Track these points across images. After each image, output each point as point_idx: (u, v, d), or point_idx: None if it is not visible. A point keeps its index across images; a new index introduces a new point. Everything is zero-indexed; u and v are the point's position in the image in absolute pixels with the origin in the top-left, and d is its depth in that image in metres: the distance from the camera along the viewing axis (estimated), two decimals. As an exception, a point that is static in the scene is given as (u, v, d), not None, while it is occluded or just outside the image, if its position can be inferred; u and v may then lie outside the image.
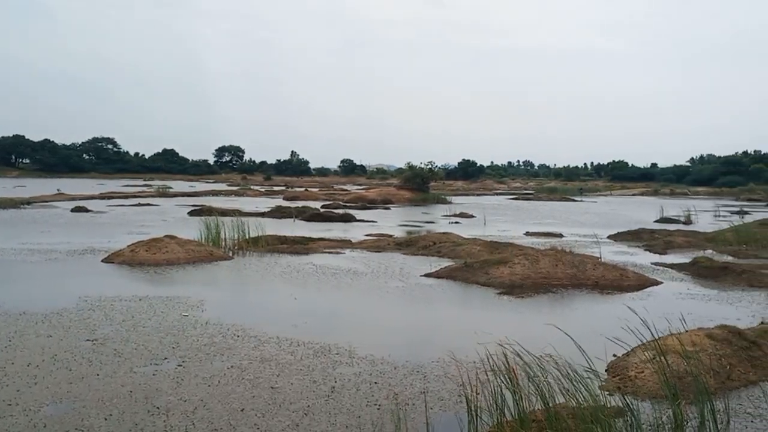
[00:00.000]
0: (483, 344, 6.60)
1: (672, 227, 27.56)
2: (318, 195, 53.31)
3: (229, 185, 79.05)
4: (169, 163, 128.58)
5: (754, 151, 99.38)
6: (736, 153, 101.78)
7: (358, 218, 30.64)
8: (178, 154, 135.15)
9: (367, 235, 22.75)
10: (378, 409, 6.24)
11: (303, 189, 66.86)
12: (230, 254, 17.60)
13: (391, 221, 30.98)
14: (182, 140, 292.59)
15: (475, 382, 5.64)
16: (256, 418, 5.98)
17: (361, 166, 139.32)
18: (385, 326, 10.12)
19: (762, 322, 9.47)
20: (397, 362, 7.77)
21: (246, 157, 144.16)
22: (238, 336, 8.94)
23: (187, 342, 8.60)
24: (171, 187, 60.61)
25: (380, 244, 19.80)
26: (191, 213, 31.93)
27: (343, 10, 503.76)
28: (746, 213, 37.65)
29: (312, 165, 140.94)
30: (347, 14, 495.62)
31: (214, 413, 6.08)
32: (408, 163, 53.85)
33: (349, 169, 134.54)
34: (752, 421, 5.94)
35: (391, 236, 22.09)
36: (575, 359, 5.57)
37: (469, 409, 5.41)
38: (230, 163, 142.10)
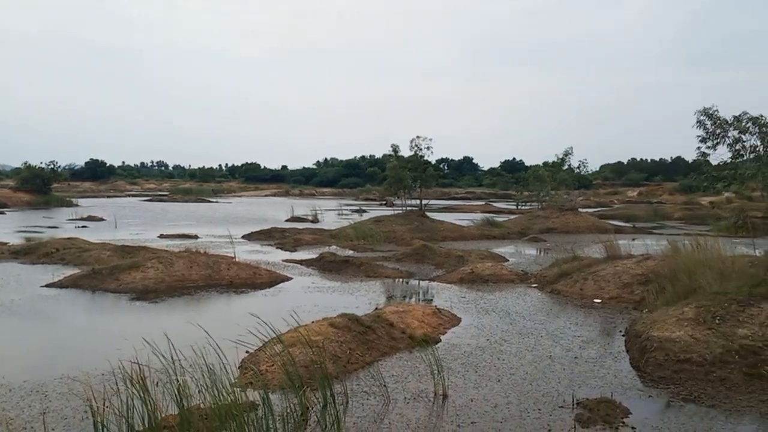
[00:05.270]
0: (114, 354, 6.27)
1: (301, 226, 29.43)
2: None
3: None
4: None
5: (370, 156, 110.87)
6: (355, 157, 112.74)
7: (-38, 224, 26.82)
8: None
9: (-26, 244, 19.97)
10: (-12, 440, 5.50)
11: None
12: None
13: (6, 227, 27.79)
14: None
15: (104, 396, 5.32)
16: None
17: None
18: (-2, 346, 8.97)
19: (376, 308, 10.65)
20: (13, 384, 6.93)
21: None
22: None
23: None
24: None
25: (-9, 253, 17.51)
26: None
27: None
28: (364, 211, 41.99)
29: None
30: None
31: None
32: (25, 163, 49.87)
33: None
34: (368, 399, 6.63)
35: (5, 244, 19.69)
36: (211, 359, 5.61)
37: (96, 425, 5.08)
38: None
